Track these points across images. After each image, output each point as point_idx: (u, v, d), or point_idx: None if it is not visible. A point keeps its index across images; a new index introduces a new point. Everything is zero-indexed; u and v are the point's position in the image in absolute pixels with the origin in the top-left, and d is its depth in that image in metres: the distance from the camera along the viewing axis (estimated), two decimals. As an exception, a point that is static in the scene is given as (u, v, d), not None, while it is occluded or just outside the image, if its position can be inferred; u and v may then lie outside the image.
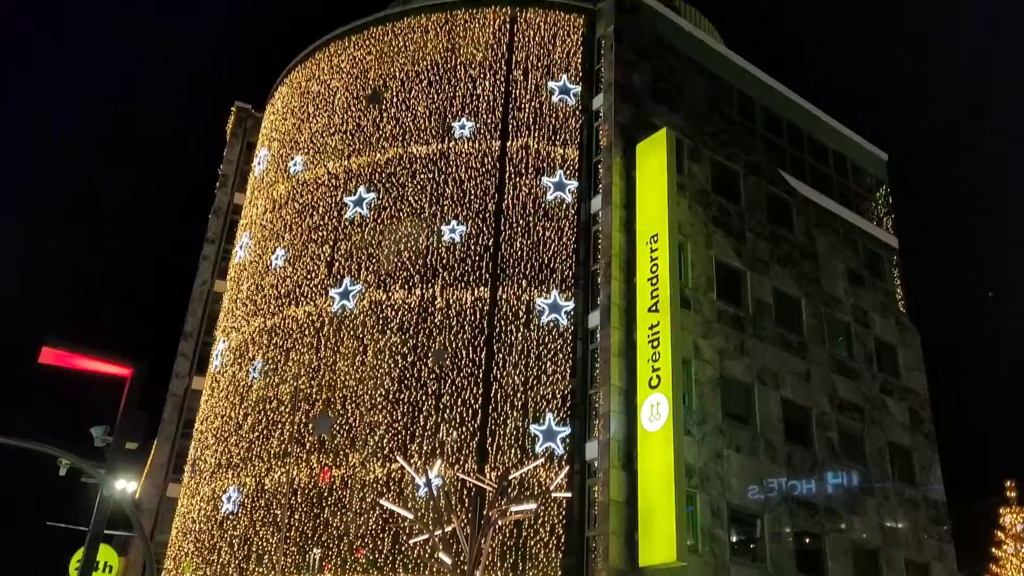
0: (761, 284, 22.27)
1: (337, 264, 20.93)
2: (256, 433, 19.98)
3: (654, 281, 18.56)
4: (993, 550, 33.73)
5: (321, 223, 21.89)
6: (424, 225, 20.60)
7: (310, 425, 19.04)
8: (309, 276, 21.23)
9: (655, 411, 17.53)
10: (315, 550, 17.65)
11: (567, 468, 17.13)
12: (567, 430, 18.13)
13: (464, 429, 18.01)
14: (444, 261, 20.01)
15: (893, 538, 22.06)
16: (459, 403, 18.28)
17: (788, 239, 23.67)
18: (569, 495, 17.09)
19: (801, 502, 20.52)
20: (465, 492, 17.06)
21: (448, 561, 14.21)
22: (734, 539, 19.09)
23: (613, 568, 16.31)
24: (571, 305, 19.68)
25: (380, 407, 18.61)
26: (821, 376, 22.66)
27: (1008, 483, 34.13)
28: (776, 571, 19.16)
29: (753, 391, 20.96)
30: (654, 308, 18.28)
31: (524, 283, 19.71)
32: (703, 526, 18.23)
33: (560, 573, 16.72)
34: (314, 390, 19.47)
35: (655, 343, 17.91)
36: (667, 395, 17.42)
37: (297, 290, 21.25)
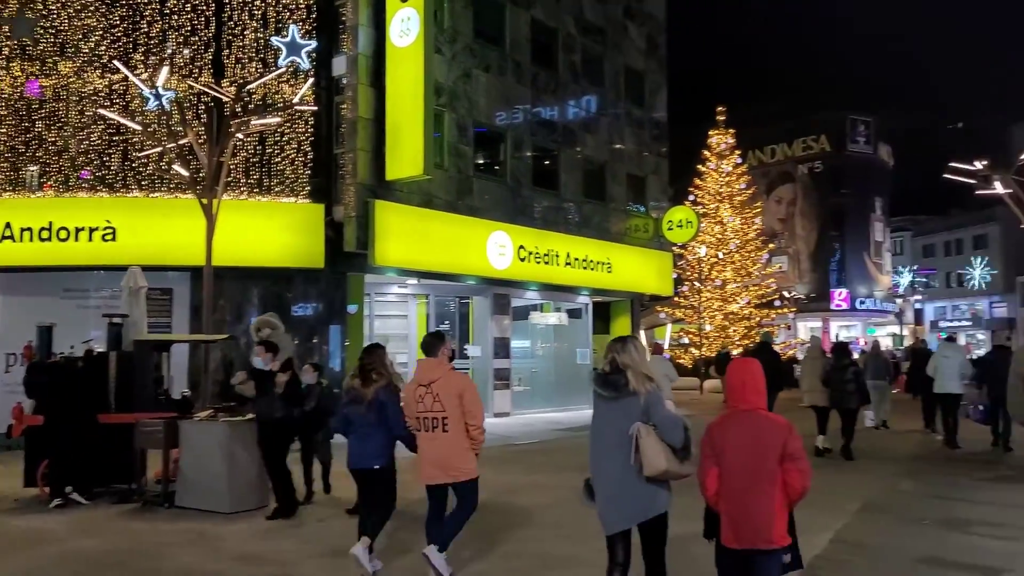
0: None
1: None
2: (-65, 35, 16.85)
3: None
4: (699, 167, 38.53)
5: None
6: None
7: (6, 27, 16.29)
8: None
9: (405, 26, 16.81)
10: (31, 167, 16.13)
11: (310, 82, 16.34)
12: (313, 44, 17.00)
13: (196, 39, 16.32)
14: None
15: (619, 155, 24.21)
16: (188, 8, 16.32)
17: None
18: (316, 108, 16.56)
19: (542, 122, 21.55)
20: (201, 105, 15.93)
21: (185, 174, 13.58)
22: (478, 156, 19.94)
23: (361, 183, 16.56)
24: (314, -101, 17.38)
25: (91, 8, 16.19)
26: (571, -3, 22.67)
27: (719, 108, 38.06)
28: (515, 184, 20.56)
29: (505, 10, 20.64)
30: (407, -91, 16.65)
31: None
32: (450, 143, 18.75)
33: (308, 189, 16.74)
34: (5, -15, 16.39)
35: (407, -50, 16.62)
36: (418, 9, 16.65)
37: None
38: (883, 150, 57.95)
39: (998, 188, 24.15)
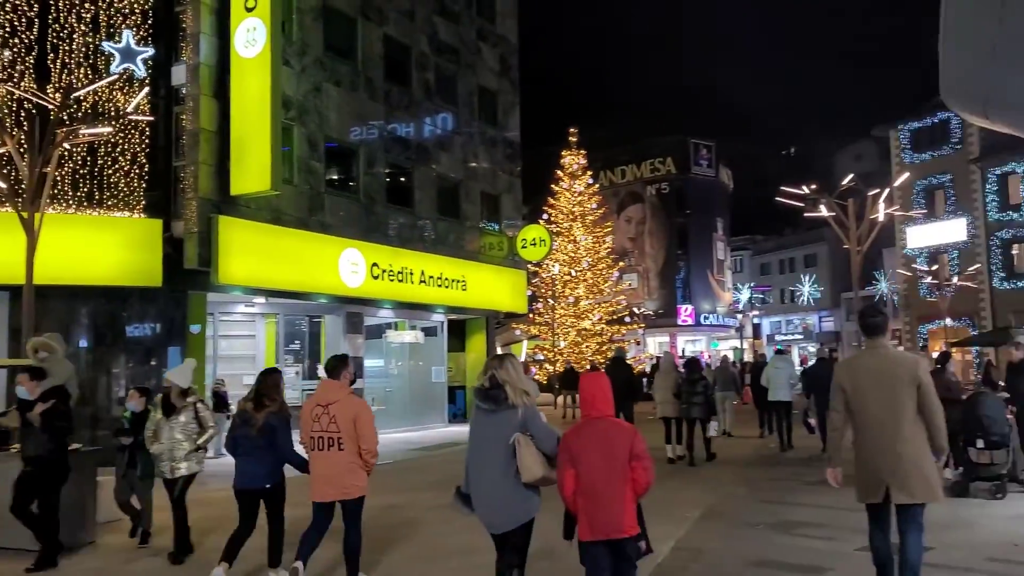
0: (372, -93, 20.77)
1: None
2: None
3: None
4: (553, 186, 39.41)
5: None
6: None
7: None
8: None
9: (251, 36, 16.28)
10: None
11: (146, 91, 15.51)
12: (149, 51, 16.19)
13: (17, 41, 15.17)
14: None
15: (473, 173, 24.38)
16: (7, 7, 15.16)
17: None
18: (152, 119, 15.73)
19: (396, 139, 21.39)
20: (23, 112, 14.79)
21: (3, 186, 12.54)
22: (330, 172, 19.54)
23: (203, 198, 15.85)
24: (152, -99, 16.60)
25: None
26: (424, 16, 22.70)
27: (571, 129, 39.15)
28: (368, 201, 20.27)
29: (357, 25, 20.40)
30: (252, -83, 16.18)
31: None
32: (300, 158, 18.28)
33: (144, 203, 15.86)
34: None
35: (252, -42, 16.14)
36: (264, 20, 16.18)
37: None
38: (724, 173, 61.34)
39: (823, 211, 26.03)
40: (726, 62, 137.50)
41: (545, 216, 37.79)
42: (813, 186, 27.28)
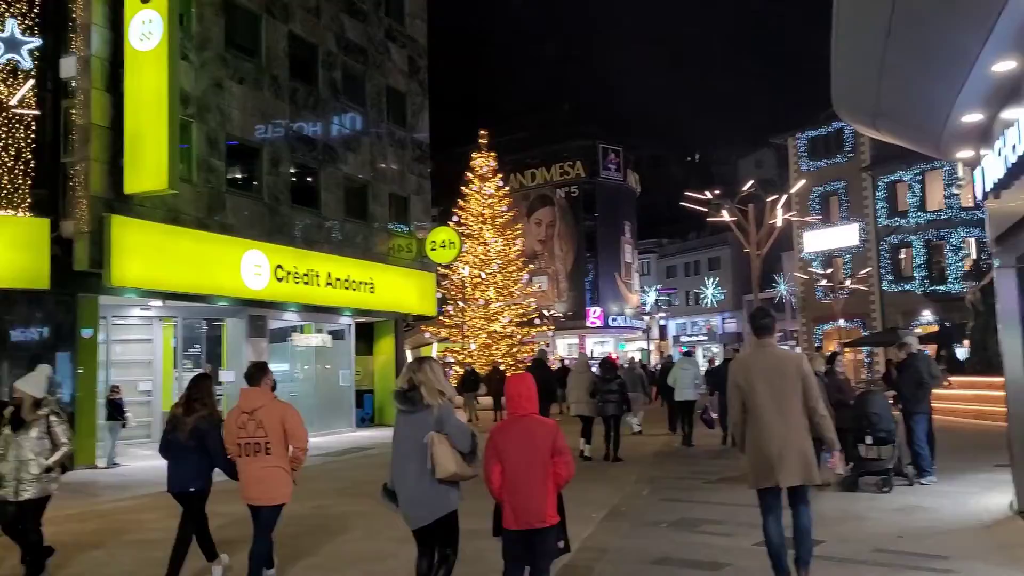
0: (277, -100, 20.28)
1: None
2: None
3: None
4: (463, 188, 39.38)
5: None
6: None
7: None
8: None
9: (147, 28, 15.64)
10: None
11: (32, 83, 14.72)
12: (36, 41, 15.37)
13: None
14: None
15: (382, 174, 24.10)
16: None
17: None
18: (38, 113, 14.93)
19: (301, 138, 20.93)
20: None
21: None
22: (232, 171, 18.97)
23: (95, 196, 15.14)
24: None
25: None
26: (331, 14, 22.31)
27: (481, 132, 39.20)
28: (272, 202, 19.77)
29: (261, 21, 19.88)
30: (148, -96, 15.57)
31: None
32: (199, 156, 17.68)
33: (30, 201, 15.04)
34: None
35: (148, -52, 15.52)
36: (161, 12, 15.56)
37: None
38: (631, 177, 62.55)
39: (725, 216, 26.82)
40: (632, 67, 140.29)
41: (455, 218, 37.71)
42: (716, 191, 28.08)
